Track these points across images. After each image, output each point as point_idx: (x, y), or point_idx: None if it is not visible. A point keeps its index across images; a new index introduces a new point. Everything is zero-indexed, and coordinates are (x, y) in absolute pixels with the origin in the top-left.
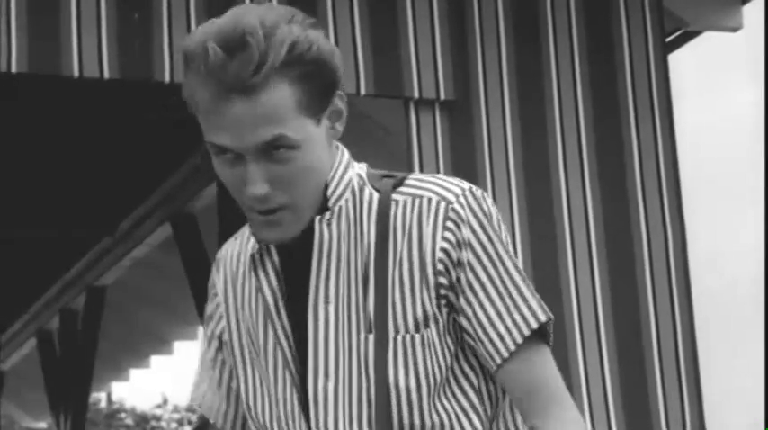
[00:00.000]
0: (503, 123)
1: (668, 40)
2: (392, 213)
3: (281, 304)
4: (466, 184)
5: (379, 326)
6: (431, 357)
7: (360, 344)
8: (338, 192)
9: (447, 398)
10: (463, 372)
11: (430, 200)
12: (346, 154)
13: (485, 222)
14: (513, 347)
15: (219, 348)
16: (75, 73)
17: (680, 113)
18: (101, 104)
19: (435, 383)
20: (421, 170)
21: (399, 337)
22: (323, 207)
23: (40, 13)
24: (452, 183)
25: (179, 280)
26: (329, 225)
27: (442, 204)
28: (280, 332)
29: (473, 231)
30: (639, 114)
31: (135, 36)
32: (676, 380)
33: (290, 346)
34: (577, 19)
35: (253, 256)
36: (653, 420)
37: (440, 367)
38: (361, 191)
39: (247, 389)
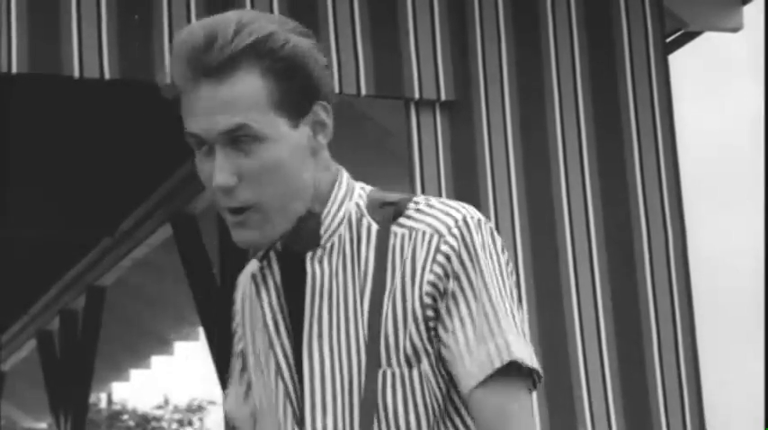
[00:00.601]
0: (503, 124)
1: (668, 40)
2: (390, 246)
3: (280, 323)
4: (461, 214)
5: (370, 358)
6: (428, 391)
7: (360, 377)
8: (332, 228)
9: None
10: (455, 407)
11: (424, 233)
12: (345, 182)
13: (474, 254)
14: (481, 377)
15: (243, 366)
16: (76, 73)
17: (680, 114)
18: (101, 105)
19: (434, 417)
20: (421, 170)
21: (398, 373)
22: (313, 241)
23: (40, 13)
24: (447, 214)
25: (179, 280)
26: (321, 262)
27: (435, 238)
28: (279, 352)
29: (462, 263)
30: (639, 114)
31: (135, 37)
32: (676, 380)
33: (288, 367)
34: (578, 20)
35: (254, 275)
36: (653, 421)
37: (437, 399)
38: (359, 223)
39: (262, 408)
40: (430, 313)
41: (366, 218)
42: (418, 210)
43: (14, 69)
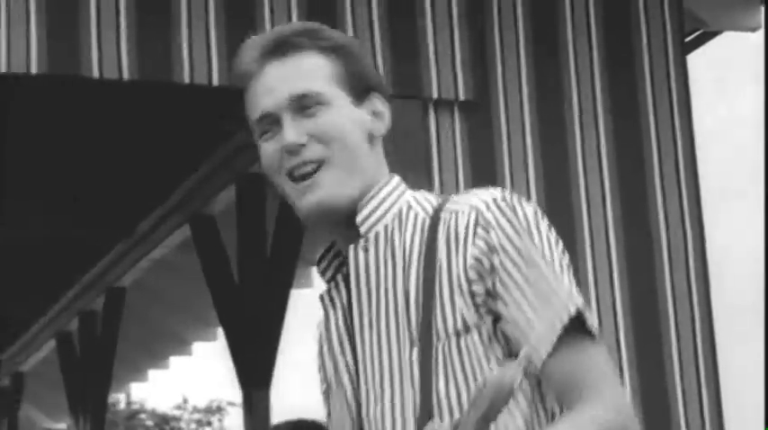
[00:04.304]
0: (521, 124)
1: (687, 40)
2: (439, 230)
3: (345, 343)
4: (498, 193)
5: (423, 338)
6: (470, 364)
7: (407, 361)
8: (373, 218)
9: None
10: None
11: (463, 212)
12: (396, 181)
13: (516, 225)
14: (553, 337)
15: (328, 411)
16: (95, 74)
17: (697, 113)
18: (120, 106)
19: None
20: (440, 171)
21: (440, 345)
22: (356, 232)
23: (59, 14)
24: (486, 193)
25: (198, 281)
26: (366, 251)
27: (473, 213)
28: (343, 369)
29: (504, 235)
30: (658, 114)
31: (154, 37)
32: (695, 379)
33: (351, 382)
34: (596, 20)
35: (322, 297)
36: (672, 420)
37: (481, 370)
38: (408, 213)
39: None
40: (476, 288)
41: (414, 209)
42: (460, 196)
43: (34, 70)
